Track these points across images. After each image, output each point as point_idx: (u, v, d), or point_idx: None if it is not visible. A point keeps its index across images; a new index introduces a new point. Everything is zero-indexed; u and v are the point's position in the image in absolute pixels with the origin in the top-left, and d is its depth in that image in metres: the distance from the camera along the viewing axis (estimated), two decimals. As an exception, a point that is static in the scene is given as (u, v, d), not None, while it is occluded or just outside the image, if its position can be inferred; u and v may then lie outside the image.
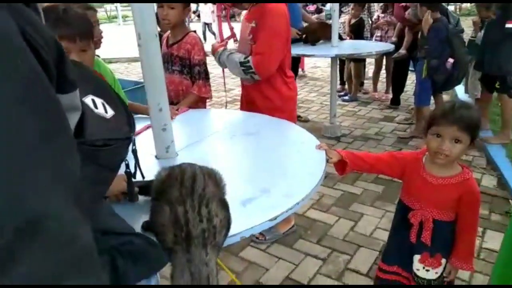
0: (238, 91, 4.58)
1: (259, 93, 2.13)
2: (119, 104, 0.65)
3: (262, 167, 1.31)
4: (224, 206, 0.87)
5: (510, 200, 2.76)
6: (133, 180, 0.95)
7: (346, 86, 5.54)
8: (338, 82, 5.17)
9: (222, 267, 1.63)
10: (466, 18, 9.08)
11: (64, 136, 0.44)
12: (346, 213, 2.68)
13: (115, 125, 0.60)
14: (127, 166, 0.78)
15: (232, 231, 0.89)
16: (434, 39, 3.40)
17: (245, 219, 0.96)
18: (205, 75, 2.19)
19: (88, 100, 0.59)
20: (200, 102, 2.23)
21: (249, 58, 1.98)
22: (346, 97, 5.28)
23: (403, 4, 4.33)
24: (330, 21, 4.24)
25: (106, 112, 0.60)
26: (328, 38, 3.91)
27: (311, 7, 6.59)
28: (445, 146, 1.28)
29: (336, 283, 2.04)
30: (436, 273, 1.45)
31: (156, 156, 1.34)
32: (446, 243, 1.42)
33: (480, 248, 2.28)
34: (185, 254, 0.73)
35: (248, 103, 2.22)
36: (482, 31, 3.63)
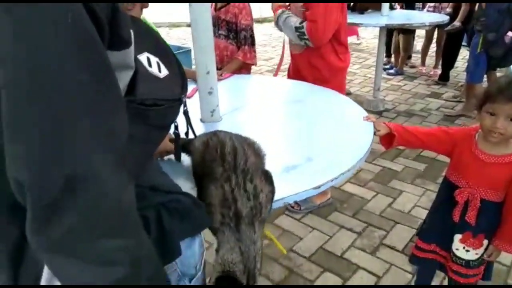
0: (277, 60, 4.51)
1: (307, 62, 2.09)
2: (174, 64, 0.65)
3: (307, 136, 1.30)
4: (268, 179, 0.85)
5: None
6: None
7: (393, 59, 5.30)
8: (384, 54, 4.94)
9: (276, 242, 1.66)
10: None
11: (112, 96, 0.45)
12: (385, 189, 2.64)
13: (167, 86, 0.60)
14: (176, 127, 0.79)
15: (276, 196, 0.90)
16: (492, 10, 3.16)
17: (288, 185, 0.96)
18: (251, 41, 2.17)
19: (143, 57, 0.59)
20: (244, 69, 2.22)
21: (304, 24, 1.93)
22: (392, 71, 5.07)
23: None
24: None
25: (160, 71, 0.60)
26: (377, 7, 3.73)
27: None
28: (500, 124, 1.21)
29: (370, 257, 2.04)
30: (476, 254, 1.41)
31: (201, 120, 1.36)
32: (491, 224, 1.37)
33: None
34: (235, 233, 0.74)
35: (295, 72, 2.19)
36: None
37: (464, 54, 4.96)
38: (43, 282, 0.52)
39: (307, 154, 1.13)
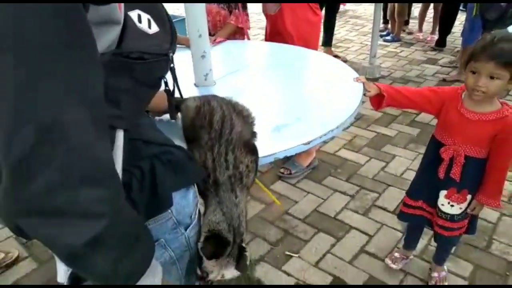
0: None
1: (284, 22, 2.21)
2: (166, 22, 0.67)
3: (298, 97, 1.35)
4: (251, 150, 0.89)
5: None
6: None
7: (389, 25, 5.25)
8: (381, 20, 4.89)
9: (264, 189, 1.74)
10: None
11: (86, 49, 0.46)
12: (378, 154, 2.70)
13: (155, 42, 0.62)
14: (166, 84, 0.81)
15: (267, 152, 0.95)
16: None
17: (279, 142, 1.01)
18: (243, 4, 2.18)
19: (133, 14, 0.60)
20: (238, 34, 2.23)
21: None
22: (388, 37, 5.02)
23: None
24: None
25: (149, 27, 0.62)
26: None
27: None
28: (481, 82, 1.25)
29: (362, 218, 2.13)
30: (460, 208, 1.48)
31: (195, 84, 1.39)
32: (474, 180, 1.43)
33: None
34: (215, 197, 0.80)
35: (273, 34, 2.28)
36: None
37: (462, 19, 4.90)
38: None
39: (297, 114, 1.18)
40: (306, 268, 1.83)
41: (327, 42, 4.45)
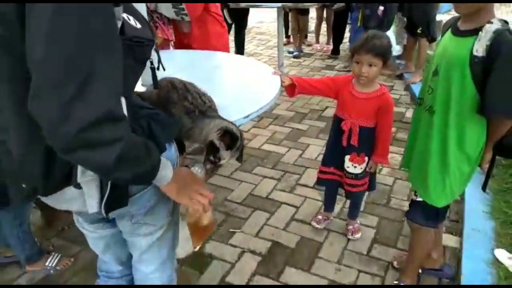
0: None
1: (194, 36, 2.53)
2: (144, 21, 0.95)
3: (232, 90, 1.67)
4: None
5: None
6: None
7: (291, 39, 5.90)
8: (284, 34, 5.49)
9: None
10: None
11: (119, 41, 0.73)
12: (295, 144, 3.15)
13: (143, 32, 0.88)
14: (152, 62, 1.06)
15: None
16: None
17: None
18: (167, 20, 2.50)
19: (124, 15, 0.88)
20: (165, 45, 2.52)
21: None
22: (296, 53, 5.54)
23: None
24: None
25: (136, 24, 0.90)
26: None
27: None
28: (364, 69, 1.72)
29: (289, 195, 2.52)
30: (361, 168, 1.93)
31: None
32: (368, 144, 1.89)
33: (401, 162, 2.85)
34: (207, 118, 1.11)
35: (182, 47, 2.61)
36: None
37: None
38: (78, 173, 0.81)
39: (232, 97, 1.50)
40: (249, 239, 2.15)
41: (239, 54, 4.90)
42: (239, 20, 4.55)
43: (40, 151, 0.78)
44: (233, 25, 4.39)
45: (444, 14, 8.02)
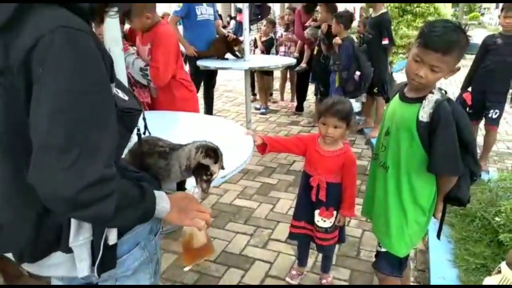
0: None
1: (160, 101, 2.66)
2: (130, 93, 1.04)
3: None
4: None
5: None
6: None
7: (257, 97, 6.18)
8: (251, 92, 5.75)
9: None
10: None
11: (115, 115, 0.83)
12: (266, 199, 3.22)
13: (130, 103, 0.97)
14: (138, 129, 1.14)
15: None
16: (344, 55, 4.08)
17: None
18: (143, 84, 2.61)
19: (114, 90, 0.97)
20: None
21: (148, 67, 2.52)
22: (263, 110, 5.80)
23: (303, 23, 5.10)
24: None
25: (124, 96, 0.99)
26: (232, 51, 4.33)
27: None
28: (330, 131, 1.87)
29: (262, 251, 2.54)
30: (330, 222, 2.02)
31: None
32: (336, 199, 2.00)
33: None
34: (178, 150, 1.20)
35: (151, 107, 2.71)
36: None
37: (311, 88, 6.08)
38: (71, 237, 0.85)
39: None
40: (224, 298, 2.13)
41: (209, 111, 5.05)
42: (208, 79, 4.77)
43: (31, 217, 0.82)
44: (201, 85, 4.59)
45: (398, 73, 8.74)
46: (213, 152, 1.18)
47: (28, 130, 0.73)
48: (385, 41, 4.14)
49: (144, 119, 1.14)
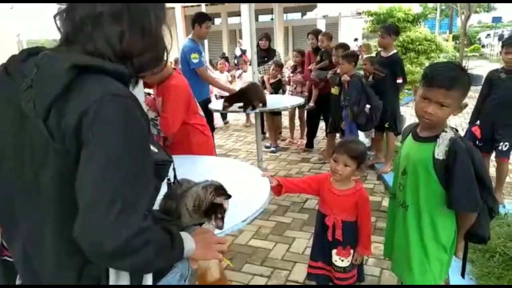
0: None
1: (181, 148, 2.68)
2: (157, 145, 1.13)
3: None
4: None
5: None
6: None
7: (267, 135, 6.28)
8: (260, 132, 5.85)
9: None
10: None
11: (152, 170, 0.91)
12: (281, 238, 3.22)
13: (162, 155, 1.07)
14: (168, 179, 1.24)
15: (217, 231, 1.37)
16: (353, 91, 4.18)
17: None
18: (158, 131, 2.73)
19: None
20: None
21: (158, 117, 2.66)
22: (273, 148, 5.85)
23: (310, 66, 5.28)
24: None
25: (154, 149, 1.07)
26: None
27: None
28: (339, 168, 1.92)
29: (280, 293, 2.52)
30: (348, 261, 2.03)
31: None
32: (352, 237, 2.01)
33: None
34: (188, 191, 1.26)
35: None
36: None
37: (321, 125, 6.16)
38: (111, 280, 0.90)
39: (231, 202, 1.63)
40: None
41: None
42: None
43: (74, 266, 0.88)
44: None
45: (403, 106, 8.84)
46: (223, 190, 1.24)
47: (74, 189, 0.80)
48: (399, 80, 4.27)
49: (174, 169, 1.22)
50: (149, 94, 2.83)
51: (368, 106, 4.19)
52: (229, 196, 1.24)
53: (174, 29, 15.21)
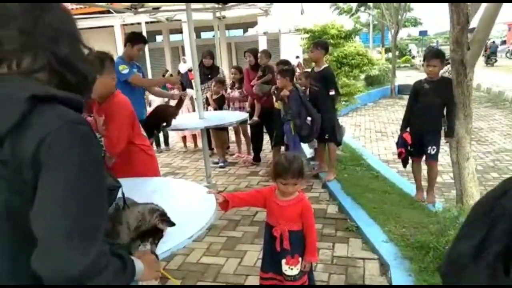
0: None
1: (123, 168, 2.63)
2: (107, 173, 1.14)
3: (174, 212, 1.81)
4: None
5: (348, 220, 3.72)
6: None
7: (215, 151, 6.30)
8: (208, 148, 5.87)
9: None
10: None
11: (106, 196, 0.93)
12: (233, 253, 3.25)
13: (110, 181, 1.09)
14: (117, 204, 1.24)
15: (167, 247, 1.39)
16: (293, 105, 4.32)
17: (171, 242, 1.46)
18: None
19: None
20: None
21: (102, 138, 2.61)
22: (221, 164, 5.89)
23: (251, 79, 5.43)
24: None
25: None
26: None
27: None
28: (291, 189, 2.02)
29: (233, 307, 2.54)
30: (297, 269, 2.11)
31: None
32: (299, 246, 2.10)
33: (332, 257, 3.08)
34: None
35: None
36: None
37: (267, 138, 6.31)
38: None
39: (178, 221, 1.64)
40: None
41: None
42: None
43: None
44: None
45: (343, 117, 9.32)
46: (167, 217, 1.27)
47: (29, 220, 0.80)
48: (332, 92, 4.50)
49: (123, 193, 1.23)
50: (89, 115, 2.76)
51: (309, 118, 4.38)
52: (172, 224, 1.26)
53: (114, 47, 14.83)
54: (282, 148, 4.90)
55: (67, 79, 0.92)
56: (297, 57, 12.23)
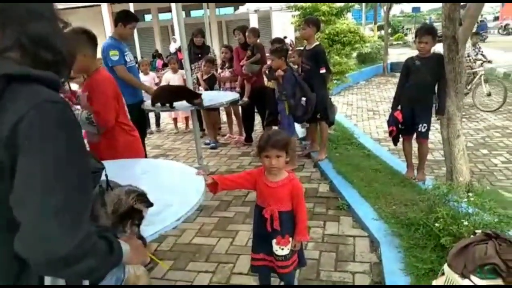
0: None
1: (107, 148, 2.61)
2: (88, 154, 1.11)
3: (163, 194, 1.79)
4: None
5: (339, 198, 3.74)
6: None
7: (206, 132, 6.25)
8: (199, 129, 5.83)
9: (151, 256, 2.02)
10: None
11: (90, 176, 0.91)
12: (225, 233, 3.26)
13: (93, 163, 1.06)
14: (100, 186, 1.22)
15: (155, 229, 1.37)
16: (287, 85, 4.26)
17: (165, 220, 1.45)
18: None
19: None
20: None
21: (92, 114, 2.57)
22: (213, 144, 5.84)
23: (241, 59, 5.34)
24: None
25: None
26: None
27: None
28: (274, 162, 1.99)
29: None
30: (288, 249, 2.11)
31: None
32: (289, 226, 2.10)
33: (323, 235, 3.11)
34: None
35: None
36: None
37: (258, 119, 6.26)
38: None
39: (166, 202, 1.62)
40: None
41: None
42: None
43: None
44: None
45: (335, 96, 9.28)
46: (145, 197, 1.25)
47: (8, 202, 0.77)
48: (323, 70, 4.42)
49: (106, 175, 1.21)
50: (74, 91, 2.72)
51: (304, 98, 4.32)
52: (150, 205, 1.24)
53: (102, 27, 14.49)
54: (275, 128, 4.86)
55: (42, 57, 0.88)
56: (285, 37, 12.06)
